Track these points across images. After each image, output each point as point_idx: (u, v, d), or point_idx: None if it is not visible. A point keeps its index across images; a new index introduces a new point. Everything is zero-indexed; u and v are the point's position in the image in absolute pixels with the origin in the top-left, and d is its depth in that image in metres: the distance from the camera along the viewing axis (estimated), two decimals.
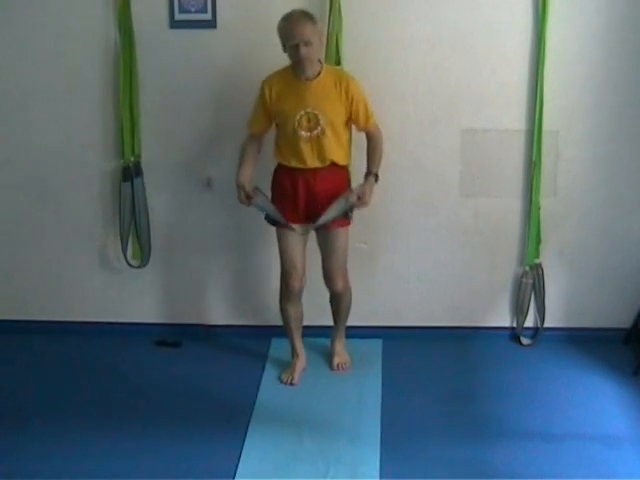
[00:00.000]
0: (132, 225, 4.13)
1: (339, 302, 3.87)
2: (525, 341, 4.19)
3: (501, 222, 4.10)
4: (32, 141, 4.12)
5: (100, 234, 4.24)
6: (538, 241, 4.07)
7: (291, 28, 3.43)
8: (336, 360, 3.94)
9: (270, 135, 3.72)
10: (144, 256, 4.19)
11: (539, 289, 4.14)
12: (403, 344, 4.13)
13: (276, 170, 3.73)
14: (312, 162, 3.60)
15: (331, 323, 4.00)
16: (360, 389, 3.76)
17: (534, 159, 3.96)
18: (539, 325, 4.20)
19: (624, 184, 4.04)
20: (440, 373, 3.93)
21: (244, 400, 3.67)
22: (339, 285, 3.79)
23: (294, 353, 3.91)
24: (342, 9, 3.78)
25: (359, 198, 3.61)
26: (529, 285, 4.14)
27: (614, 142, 3.97)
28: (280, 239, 3.72)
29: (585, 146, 3.98)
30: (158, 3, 3.90)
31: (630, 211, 4.07)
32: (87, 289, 4.32)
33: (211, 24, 3.90)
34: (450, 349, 4.13)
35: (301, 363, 3.89)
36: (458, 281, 4.19)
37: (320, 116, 3.54)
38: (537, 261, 4.11)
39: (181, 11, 3.89)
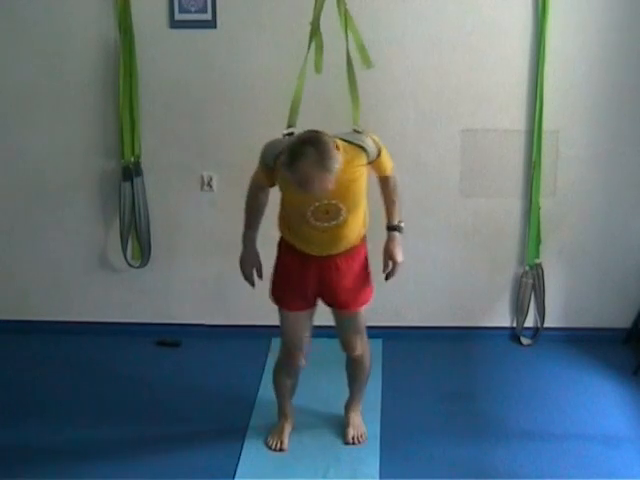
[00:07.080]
0: (132, 225, 4.13)
1: (357, 367, 3.38)
2: (525, 341, 4.19)
3: (501, 222, 4.10)
4: (32, 141, 4.12)
5: (100, 234, 4.23)
6: (538, 241, 4.07)
7: (303, 188, 2.76)
8: (351, 432, 3.43)
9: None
10: (144, 256, 4.19)
11: (539, 289, 4.14)
12: (403, 344, 4.13)
13: (280, 244, 3.18)
14: (326, 250, 3.07)
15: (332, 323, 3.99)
16: None
17: (534, 159, 3.96)
18: (539, 325, 4.20)
19: (624, 184, 4.04)
20: (440, 373, 3.93)
21: (244, 400, 3.67)
22: (358, 351, 3.31)
23: (282, 415, 3.44)
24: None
25: (390, 259, 3.19)
26: (529, 285, 4.13)
27: (614, 142, 3.97)
28: (282, 317, 3.24)
29: (585, 146, 3.98)
30: (158, 3, 3.90)
31: (630, 211, 4.07)
32: (87, 289, 4.32)
33: (211, 24, 3.89)
34: (450, 349, 4.13)
35: (289, 425, 3.44)
36: (458, 281, 4.19)
37: (342, 205, 2.93)
38: (537, 261, 4.11)
39: (181, 11, 3.89)
